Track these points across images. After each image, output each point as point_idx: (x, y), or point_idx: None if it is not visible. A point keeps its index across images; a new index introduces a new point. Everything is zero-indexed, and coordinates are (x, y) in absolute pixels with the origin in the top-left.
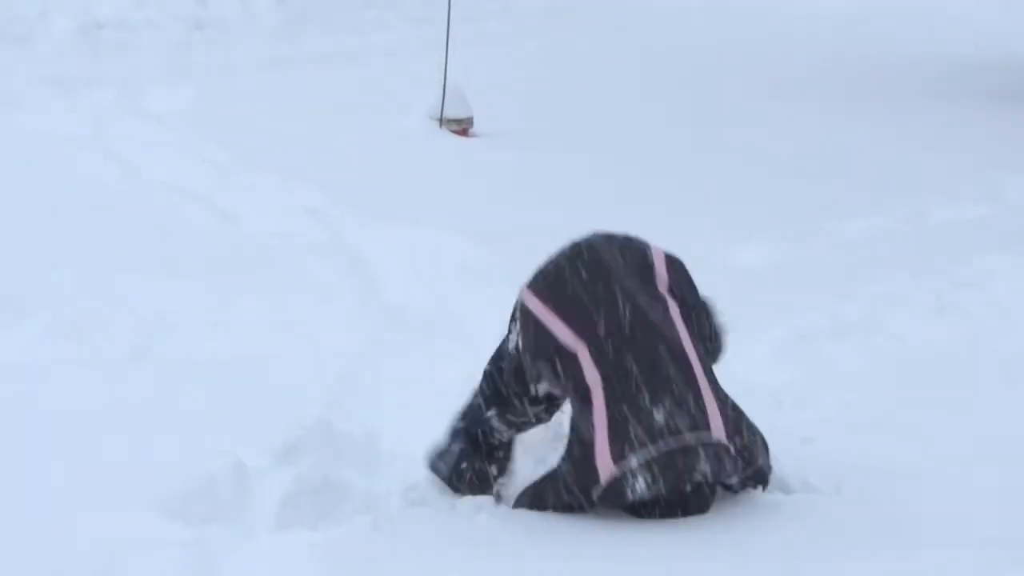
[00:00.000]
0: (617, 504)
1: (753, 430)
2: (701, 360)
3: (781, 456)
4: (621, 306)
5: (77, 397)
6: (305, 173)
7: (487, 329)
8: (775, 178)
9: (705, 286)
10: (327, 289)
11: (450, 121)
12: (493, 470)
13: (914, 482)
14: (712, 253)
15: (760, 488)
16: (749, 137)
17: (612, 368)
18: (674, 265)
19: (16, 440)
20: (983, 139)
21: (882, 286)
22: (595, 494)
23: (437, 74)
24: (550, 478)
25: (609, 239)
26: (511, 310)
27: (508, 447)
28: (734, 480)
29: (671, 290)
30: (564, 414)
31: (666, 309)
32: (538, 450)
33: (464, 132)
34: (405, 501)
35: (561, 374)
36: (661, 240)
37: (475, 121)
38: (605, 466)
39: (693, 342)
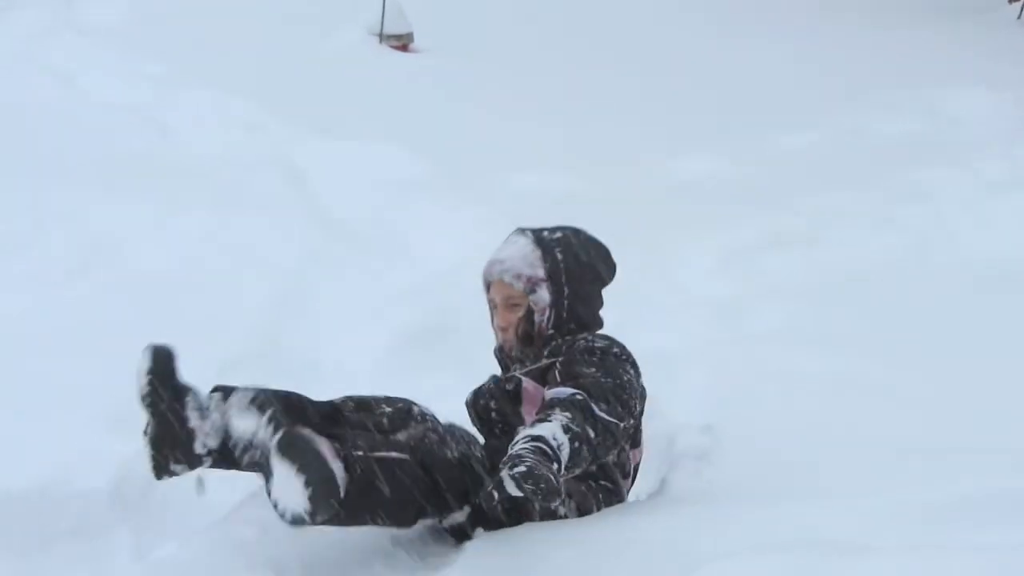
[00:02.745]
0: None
1: None
2: None
3: (723, 369)
4: None
5: (17, 315)
6: (244, 88)
7: (426, 242)
8: (716, 96)
9: (649, 200)
10: (267, 204)
11: (390, 36)
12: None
13: (854, 395)
14: (656, 168)
15: None
16: (689, 59)
17: None
18: None
19: None
20: (922, 54)
21: (823, 199)
22: None
23: None
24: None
25: None
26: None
27: None
28: None
29: None
30: None
31: None
32: None
33: (404, 47)
34: None
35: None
36: (605, 155)
37: (415, 36)
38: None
39: None
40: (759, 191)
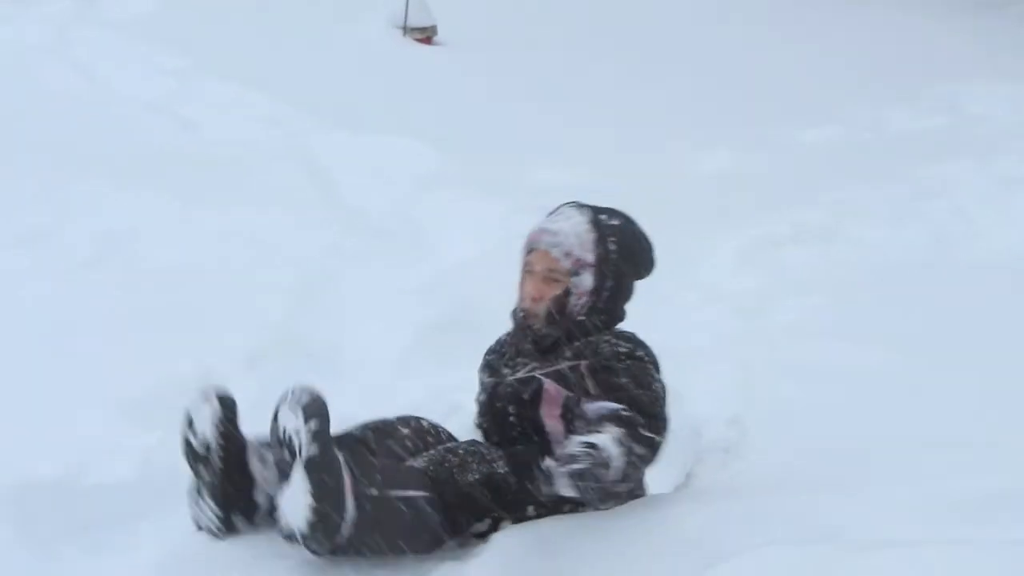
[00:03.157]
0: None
1: None
2: None
3: (747, 363)
4: None
5: (38, 305)
6: (267, 81)
7: (447, 236)
8: (736, 91)
9: (669, 195)
10: (288, 197)
11: (414, 29)
12: None
13: (877, 389)
14: (675, 162)
15: None
16: (709, 54)
17: None
18: None
19: None
20: (942, 49)
21: (842, 193)
22: None
23: None
24: None
25: None
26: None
27: None
28: None
29: None
30: None
31: None
32: None
33: (428, 40)
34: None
35: None
36: (626, 150)
37: (439, 29)
38: None
39: None
40: (779, 186)
